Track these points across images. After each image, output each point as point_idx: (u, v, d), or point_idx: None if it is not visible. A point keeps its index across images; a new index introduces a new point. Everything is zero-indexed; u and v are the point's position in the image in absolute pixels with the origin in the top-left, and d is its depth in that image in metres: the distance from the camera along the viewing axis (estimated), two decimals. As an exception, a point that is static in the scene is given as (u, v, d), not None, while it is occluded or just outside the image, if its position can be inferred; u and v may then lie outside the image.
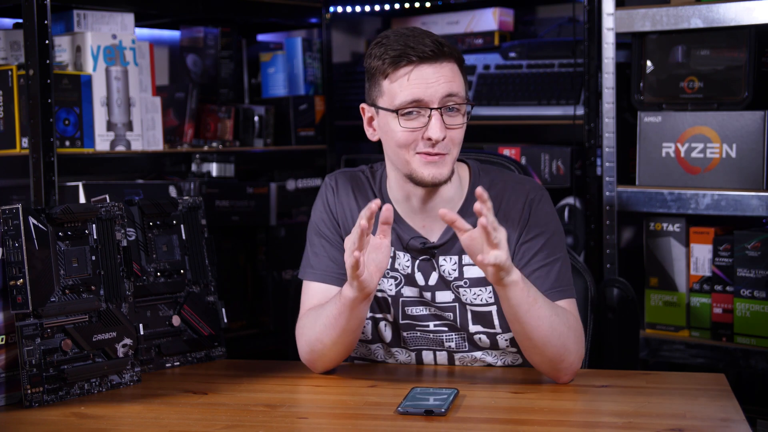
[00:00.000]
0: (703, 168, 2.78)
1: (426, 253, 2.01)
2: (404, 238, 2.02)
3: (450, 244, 2.01)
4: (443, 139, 1.90)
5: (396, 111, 1.91)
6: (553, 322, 1.86)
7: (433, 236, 2.02)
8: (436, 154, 1.91)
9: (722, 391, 1.85)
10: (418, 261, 2.02)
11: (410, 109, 1.90)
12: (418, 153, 1.91)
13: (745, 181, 2.70)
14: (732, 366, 2.76)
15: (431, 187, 1.96)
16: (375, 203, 1.79)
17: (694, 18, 2.74)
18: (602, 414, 1.76)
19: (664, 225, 2.89)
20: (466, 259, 2.00)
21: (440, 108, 1.90)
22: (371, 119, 2.00)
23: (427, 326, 2.03)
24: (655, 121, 2.85)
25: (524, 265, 1.97)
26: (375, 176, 2.09)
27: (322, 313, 1.95)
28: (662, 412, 1.72)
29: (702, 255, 2.83)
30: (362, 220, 1.78)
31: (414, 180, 1.94)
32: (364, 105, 2.02)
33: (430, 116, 1.89)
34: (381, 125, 1.97)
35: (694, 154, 2.79)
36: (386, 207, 1.82)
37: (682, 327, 2.88)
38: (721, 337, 2.78)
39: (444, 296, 2.01)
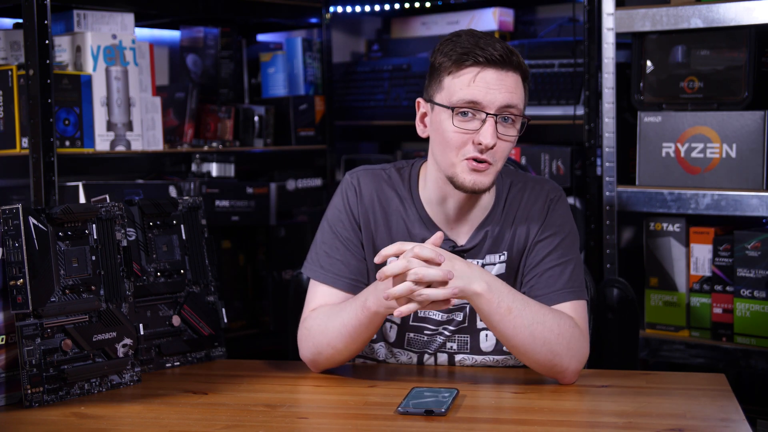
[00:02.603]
0: (703, 168, 2.78)
1: None
2: None
3: (478, 248, 2.01)
4: (493, 147, 1.88)
5: (452, 108, 1.89)
6: (535, 331, 1.86)
7: (461, 239, 2.02)
8: (482, 162, 1.89)
9: (722, 391, 1.85)
10: None
11: (466, 110, 1.88)
12: (466, 159, 1.90)
13: (745, 181, 2.70)
14: (732, 366, 2.76)
15: (471, 194, 1.95)
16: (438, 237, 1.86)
17: (694, 18, 2.74)
18: (602, 414, 1.76)
19: (664, 225, 2.89)
20: (487, 258, 2.01)
21: (496, 115, 1.88)
22: (424, 115, 1.99)
23: (435, 329, 2.03)
24: (655, 121, 2.85)
25: (537, 264, 1.98)
26: (403, 175, 2.07)
27: (336, 320, 1.94)
28: (662, 412, 1.72)
29: (702, 255, 2.83)
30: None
31: (455, 184, 1.93)
32: (420, 99, 2.00)
33: (484, 121, 1.88)
34: (433, 122, 1.95)
35: (694, 154, 2.79)
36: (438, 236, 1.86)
37: (682, 327, 2.88)
38: (721, 337, 2.78)
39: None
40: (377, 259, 1.82)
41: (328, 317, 1.96)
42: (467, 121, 1.89)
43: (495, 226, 2.01)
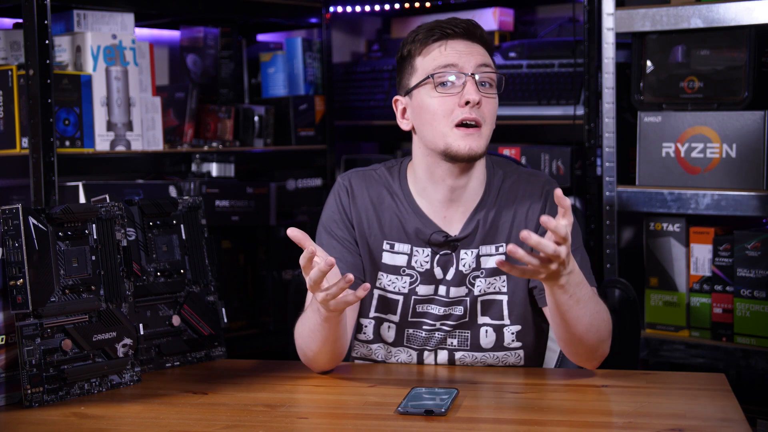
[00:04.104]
0: (703, 168, 2.78)
1: (447, 246, 2.02)
2: (426, 233, 2.02)
3: (471, 237, 2.02)
4: (479, 105, 1.91)
5: (432, 76, 1.93)
6: (593, 320, 1.88)
7: (454, 230, 2.02)
8: (472, 125, 1.91)
9: (722, 391, 1.85)
10: (438, 256, 2.02)
11: (445, 77, 1.93)
12: (456, 127, 1.92)
13: (745, 181, 2.70)
14: (732, 366, 2.76)
15: (466, 163, 1.96)
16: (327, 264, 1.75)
17: (694, 18, 2.74)
18: (602, 414, 1.76)
19: (664, 225, 2.89)
20: (483, 250, 2.01)
21: (474, 75, 1.92)
22: (404, 110, 2.02)
23: (434, 325, 2.04)
24: (655, 121, 2.85)
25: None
26: (392, 173, 2.09)
27: (305, 324, 1.95)
28: (662, 412, 1.72)
29: (702, 255, 2.83)
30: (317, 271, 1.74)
31: (449, 154, 1.94)
32: (397, 97, 2.04)
33: (464, 83, 1.92)
34: (415, 108, 1.99)
35: (694, 154, 2.79)
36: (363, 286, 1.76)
37: (682, 327, 2.88)
38: (721, 337, 2.78)
39: (458, 291, 2.02)
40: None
41: (303, 320, 1.97)
42: (448, 89, 1.94)
43: (488, 214, 2.02)
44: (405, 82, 2.01)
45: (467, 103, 1.91)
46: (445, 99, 1.93)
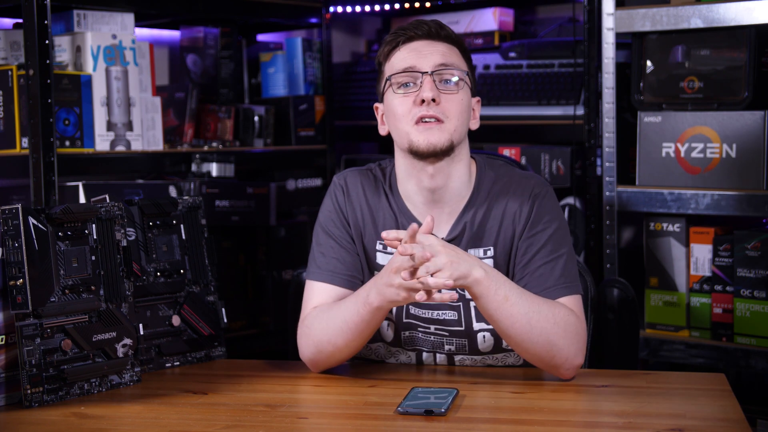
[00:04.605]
0: (703, 168, 2.78)
1: None
2: None
3: (458, 239, 2.01)
4: (436, 102, 1.93)
5: (389, 78, 1.98)
6: (532, 320, 1.86)
7: (441, 232, 2.02)
8: (430, 119, 1.93)
9: (722, 391, 1.85)
10: None
11: (404, 78, 1.97)
12: (415, 123, 1.95)
13: (745, 181, 2.70)
14: (732, 366, 2.76)
15: (433, 158, 1.96)
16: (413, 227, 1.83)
17: (694, 18, 2.74)
18: (602, 414, 1.76)
19: (664, 225, 2.89)
20: (470, 253, 2.00)
21: (432, 72, 1.95)
22: (383, 115, 2.06)
23: (428, 328, 2.03)
24: (655, 121, 2.85)
25: (528, 261, 1.97)
26: (385, 173, 2.10)
27: (336, 317, 1.94)
28: (662, 412, 1.72)
29: (702, 255, 2.83)
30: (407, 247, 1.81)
31: (412, 150, 1.96)
32: (376, 104, 2.08)
33: (421, 82, 1.95)
34: (387, 112, 2.03)
35: (694, 154, 2.79)
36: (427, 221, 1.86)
37: (682, 327, 2.88)
38: (721, 337, 2.79)
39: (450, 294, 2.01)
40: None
41: (328, 314, 1.96)
42: (409, 89, 1.97)
43: (475, 216, 2.01)
44: (378, 89, 2.06)
45: (423, 101, 1.93)
46: (404, 99, 1.96)
